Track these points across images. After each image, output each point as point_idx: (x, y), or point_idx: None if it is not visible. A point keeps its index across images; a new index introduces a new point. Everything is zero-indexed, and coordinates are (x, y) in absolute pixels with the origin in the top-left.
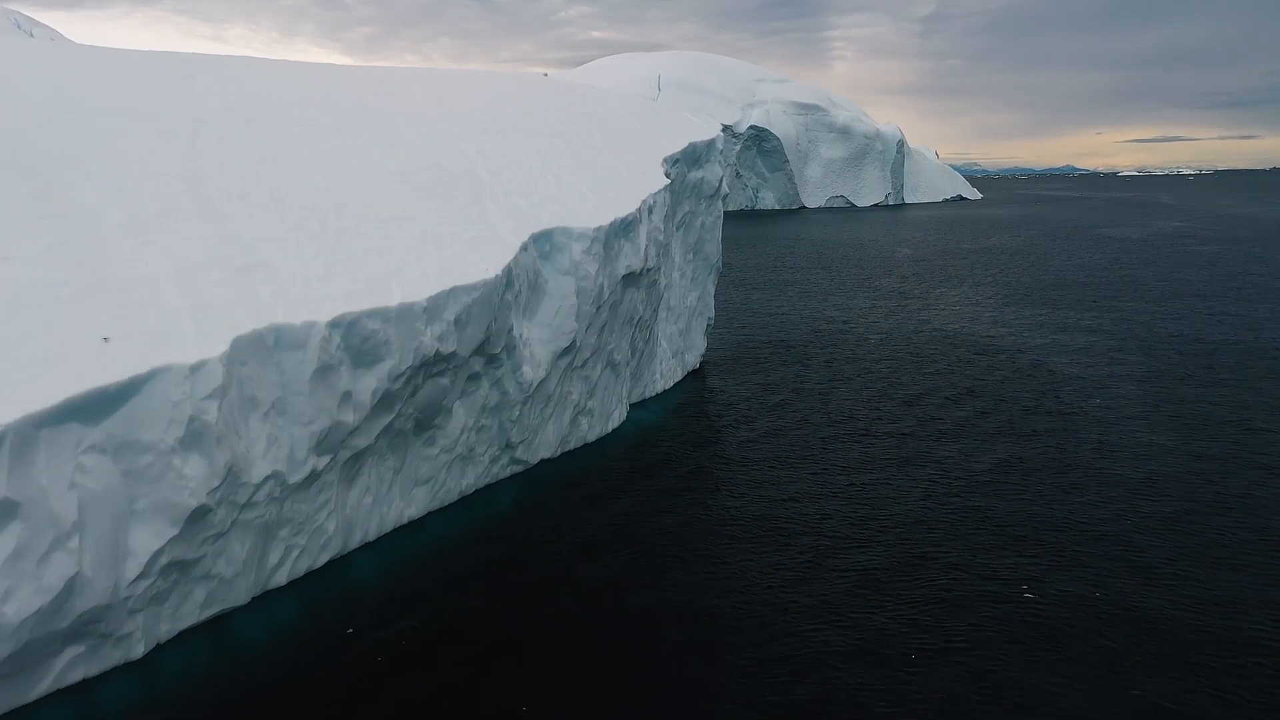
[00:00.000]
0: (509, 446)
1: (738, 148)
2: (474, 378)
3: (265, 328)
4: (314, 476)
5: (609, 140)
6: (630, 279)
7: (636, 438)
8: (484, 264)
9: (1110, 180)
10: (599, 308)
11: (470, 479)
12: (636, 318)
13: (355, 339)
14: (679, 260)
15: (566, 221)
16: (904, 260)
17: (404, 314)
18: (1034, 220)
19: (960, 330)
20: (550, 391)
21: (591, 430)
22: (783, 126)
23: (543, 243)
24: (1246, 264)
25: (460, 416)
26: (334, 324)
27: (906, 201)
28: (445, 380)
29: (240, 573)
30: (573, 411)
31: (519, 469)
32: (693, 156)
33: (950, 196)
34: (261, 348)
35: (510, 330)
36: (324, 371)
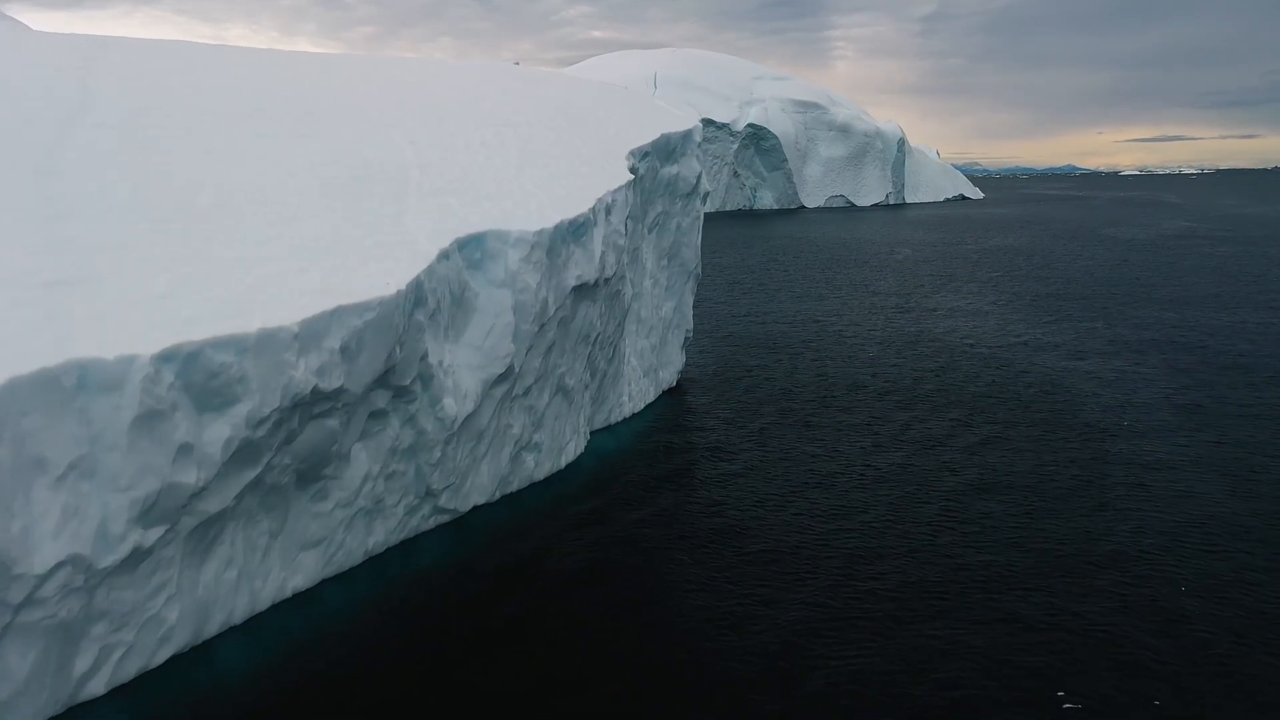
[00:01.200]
0: (430, 494)
1: (735, 146)
2: (378, 416)
3: (62, 364)
4: (141, 555)
5: (568, 130)
6: (583, 291)
7: (596, 472)
8: (387, 277)
9: (1112, 180)
10: (543, 325)
11: (380, 535)
12: (594, 334)
13: (197, 376)
14: (651, 267)
15: (502, 224)
16: (904, 262)
17: (266, 342)
18: (1037, 220)
19: (964, 341)
20: (482, 426)
21: (540, 467)
22: (781, 125)
23: (471, 249)
24: (1266, 267)
25: (362, 463)
26: (164, 357)
27: (907, 201)
28: (334, 422)
29: (22, 691)
30: (514, 448)
31: (446, 519)
32: (665, 150)
33: (952, 196)
34: (54, 391)
35: (425, 357)
36: (150, 419)
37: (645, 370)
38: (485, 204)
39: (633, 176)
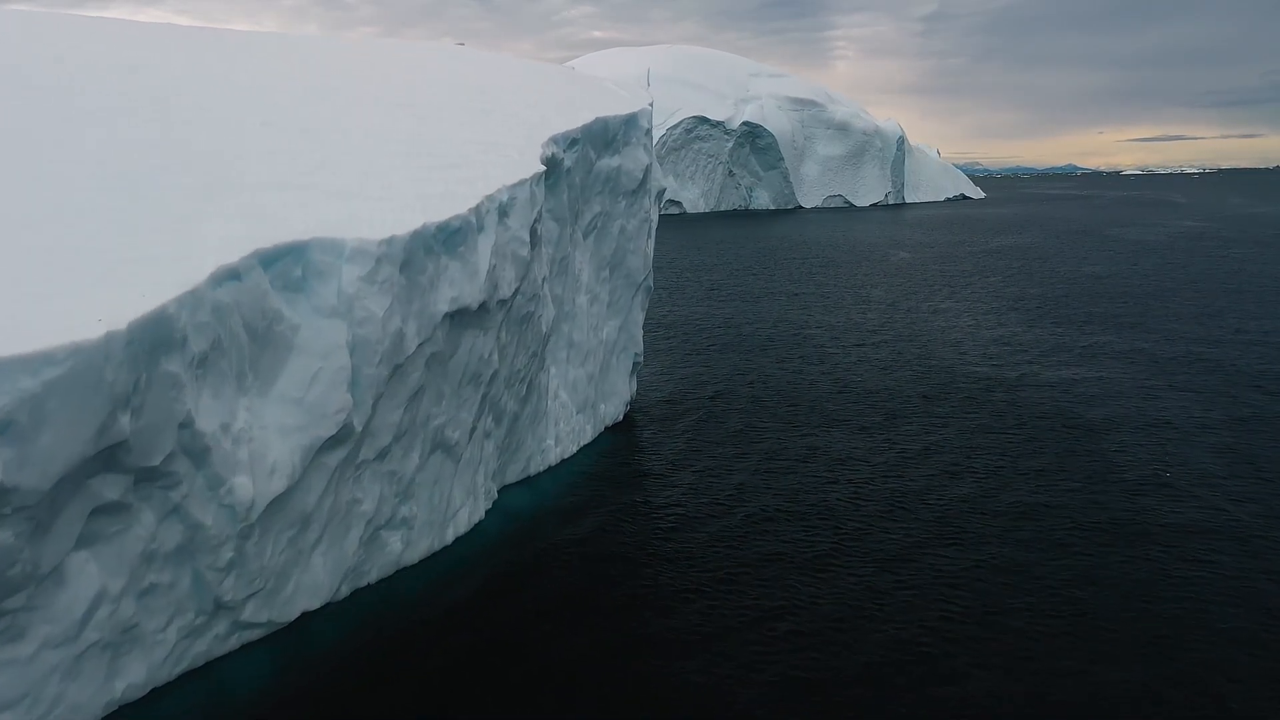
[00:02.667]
0: (223, 607)
1: (730, 145)
2: (111, 512)
3: None
4: None
5: (480, 114)
6: (465, 318)
7: (500, 542)
8: (111, 308)
9: (1113, 179)
10: (399, 367)
11: (138, 675)
12: (491, 372)
13: None
14: (587, 280)
15: (337, 229)
16: (900, 266)
17: None
18: (1040, 220)
19: (961, 361)
20: (308, 508)
21: (412, 548)
22: (778, 123)
23: (288, 265)
24: None
25: (89, 581)
26: None
27: (907, 201)
28: (7, 534)
29: None
30: (365, 529)
31: (259, 634)
32: (601, 137)
33: (953, 196)
34: None
35: (190, 423)
36: None
37: (580, 405)
38: (328, 204)
39: (544, 168)
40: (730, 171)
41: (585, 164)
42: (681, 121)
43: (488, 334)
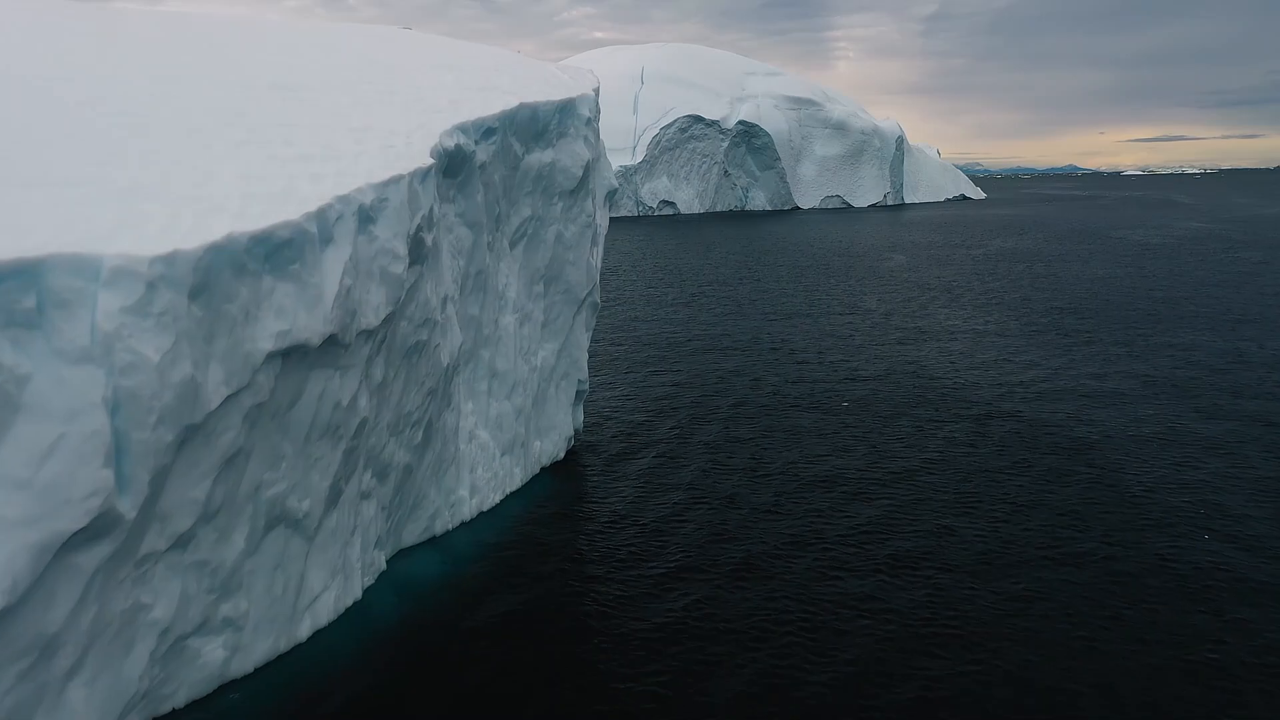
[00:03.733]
0: None
1: (725, 145)
2: None
3: None
4: None
5: (378, 96)
6: (306, 355)
7: (380, 630)
8: None
9: (1115, 179)
10: (195, 427)
11: None
12: (359, 421)
13: None
14: (515, 297)
15: (97, 242)
16: (895, 271)
17: None
18: (1043, 221)
19: (956, 381)
20: (50, 628)
21: (243, 656)
22: (774, 122)
23: (12, 291)
24: None
25: None
26: None
27: (906, 201)
28: None
29: None
30: (163, 640)
31: None
32: (529, 127)
33: (953, 196)
34: None
35: None
36: None
37: (507, 445)
38: (100, 207)
39: (432, 162)
40: (726, 172)
41: (508, 158)
42: (676, 121)
43: (348, 374)
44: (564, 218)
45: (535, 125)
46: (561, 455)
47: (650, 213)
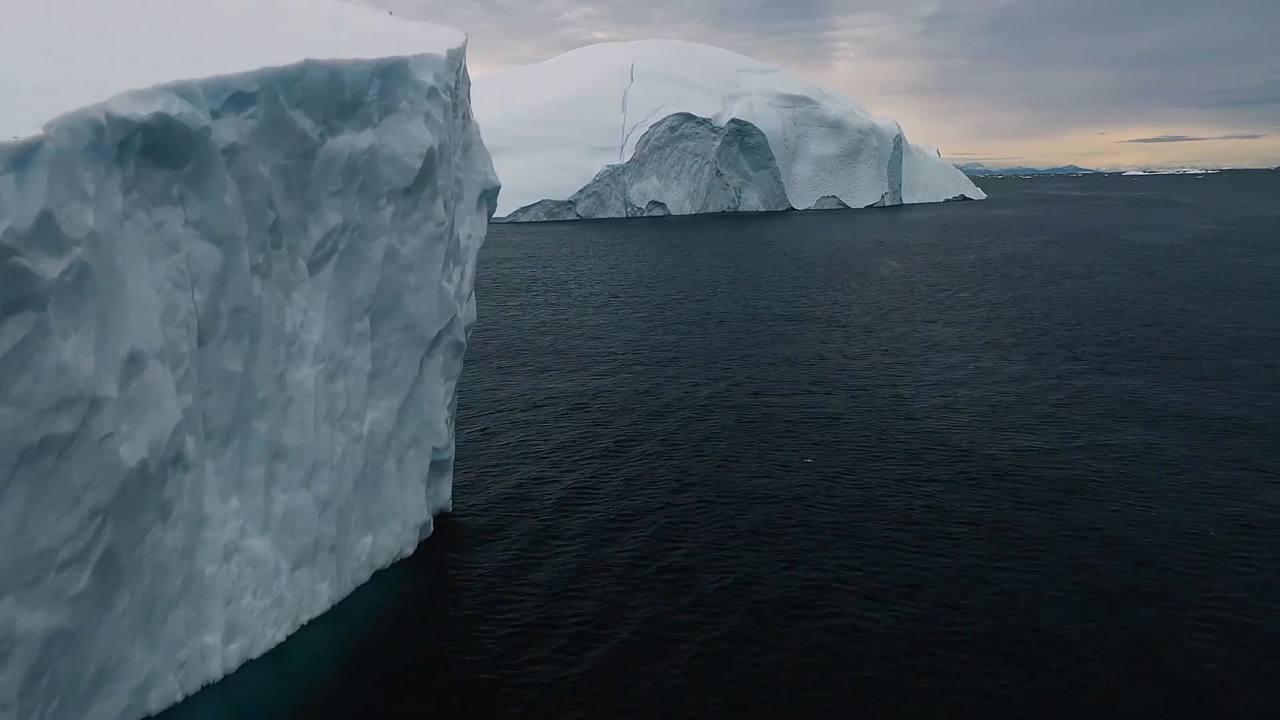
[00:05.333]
0: None
1: (718, 143)
2: None
3: None
4: None
5: (85, 43)
6: None
7: None
8: None
9: (1116, 180)
10: None
11: None
12: None
13: None
14: (320, 340)
15: None
16: (887, 280)
17: None
18: (1046, 223)
19: (952, 415)
20: None
21: None
22: (768, 120)
23: None
24: None
25: None
26: None
27: (905, 202)
28: None
29: None
30: None
31: None
32: (329, 97)
33: (953, 197)
34: None
35: None
36: None
37: (302, 555)
38: None
39: (44, 137)
40: (718, 171)
41: (289, 141)
42: (666, 119)
43: None
44: (397, 226)
45: (338, 95)
46: (410, 551)
47: (639, 214)
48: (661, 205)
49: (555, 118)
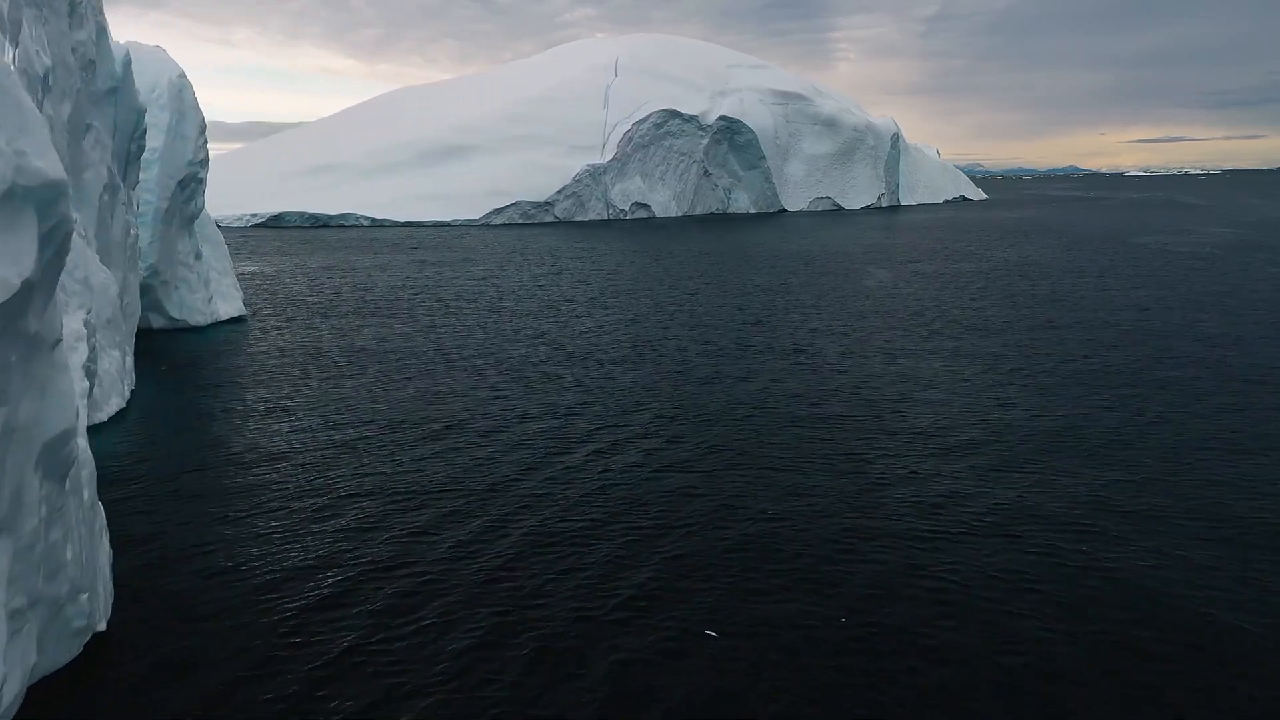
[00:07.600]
0: None
1: (705, 142)
2: None
3: None
4: None
5: None
6: None
7: None
8: None
9: (1117, 180)
10: None
11: None
12: None
13: None
14: None
15: None
16: (870, 297)
17: None
18: (1050, 225)
19: (952, 499)
20: None
21: None
22: (759, 118)
23: None
24: None
25: None
26: None
27: (903, 203)
28: None
29: None
30: None
31: None
32: None
33: (952, 197)
34: None
35: None
36: None
37: None
38: None
39: None
40: (706, 171)
41: None
42: (650, 115)
43: None
44: None
45: None
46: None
47: (621, 216)
48: (645, 207)
49: (533, 114)
